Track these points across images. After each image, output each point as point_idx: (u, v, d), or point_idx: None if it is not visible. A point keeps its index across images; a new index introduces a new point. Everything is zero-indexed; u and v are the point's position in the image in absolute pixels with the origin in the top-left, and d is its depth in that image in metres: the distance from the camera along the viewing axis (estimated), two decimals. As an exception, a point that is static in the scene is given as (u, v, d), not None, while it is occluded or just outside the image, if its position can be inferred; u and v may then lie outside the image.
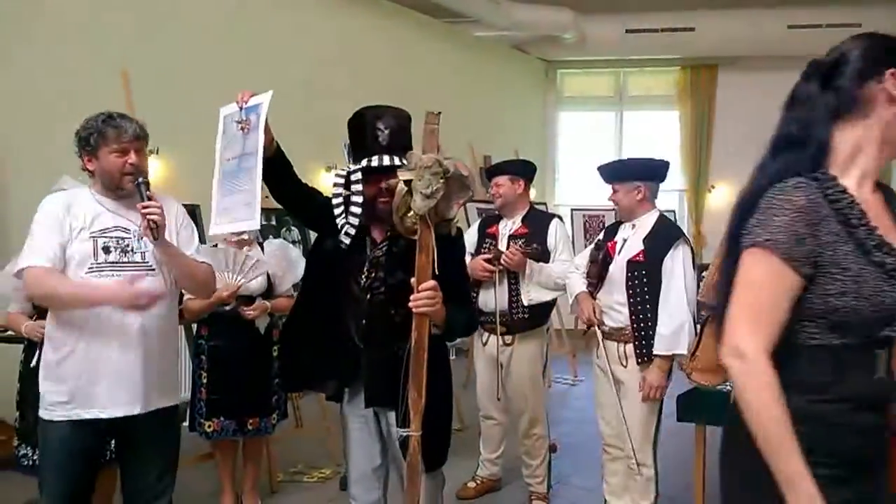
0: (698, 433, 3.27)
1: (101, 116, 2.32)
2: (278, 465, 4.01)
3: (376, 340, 2.22)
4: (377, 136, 2.21)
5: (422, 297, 2.01)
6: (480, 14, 7.61)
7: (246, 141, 2.15)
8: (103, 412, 2.27)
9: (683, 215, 8.93)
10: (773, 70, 8.56)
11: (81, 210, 2.31)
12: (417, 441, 2.07)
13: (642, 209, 3.11)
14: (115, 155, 2.29)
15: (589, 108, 9.83)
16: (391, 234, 2.23)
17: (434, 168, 1.96)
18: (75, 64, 4.58)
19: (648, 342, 2.95)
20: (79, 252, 2.26)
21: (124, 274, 2.27)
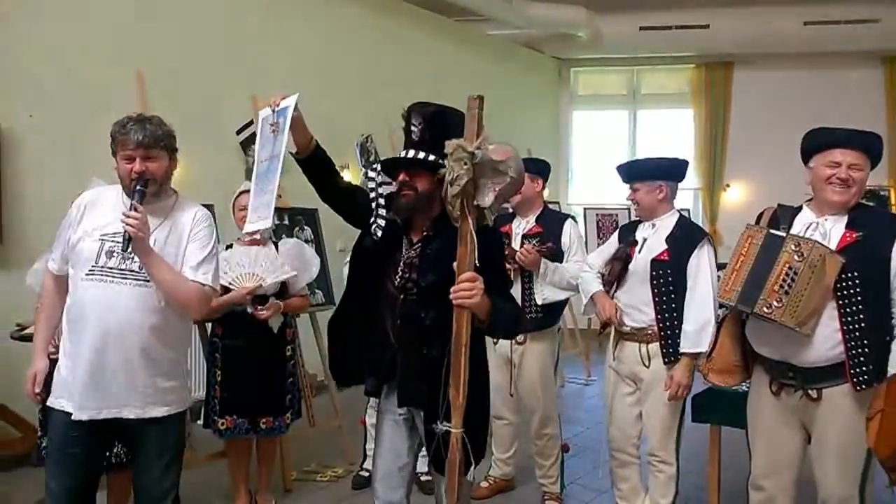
0: (713, 433, 3.26)
1: (125, 121, 2.35)
2: (292, 464, 4.02)
3: (408, 341, 2.20)
4: (411, 131, 2.22)
5: (461, 289, 1.96)
6: (493, 12, 7.59)
7: (275, 142, 2.21)
8: (75, 412, 2.28)
9: (698, 214, 8.87)
10: (788, 67, 8.55)
11: (104, 209, 2.35)
12: (458, 438, 2.03)
13: (663, 209, 3.09)
14: (124, 161, 2.32)
15: (602, 107, 9.78)
16: (426, 235, 2.23)
17: (456, 154, 1.92)
18: (92, 64, 4.61)
19: (675, 341, 2.93)
20: (86, 251, 2.30)
21: (115, 280, 2.28)
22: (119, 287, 2.29)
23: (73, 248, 2.33)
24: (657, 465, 3.05)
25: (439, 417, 2.08)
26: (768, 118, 8.43)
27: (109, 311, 2.27)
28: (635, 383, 3.08)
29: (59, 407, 2.33)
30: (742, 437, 2.71)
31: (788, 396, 2.47)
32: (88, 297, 2.29)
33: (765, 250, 2.38)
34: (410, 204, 2.19)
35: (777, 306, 2.29)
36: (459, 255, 1.98)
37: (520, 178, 2.05)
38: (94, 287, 2.29)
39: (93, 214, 2.35)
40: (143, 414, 2.36)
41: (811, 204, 2.51)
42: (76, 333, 2.31)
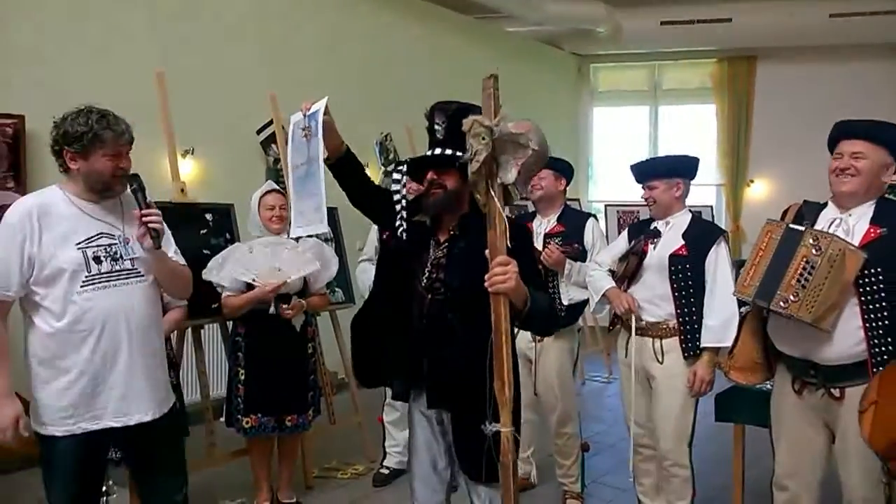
0: (736, 433, 3.22)
1: (93, 115, 2.22)
2: (312, 461, 4.04)
3: (435, 342, 2.16)
4: (435, 130, 2.20)
5: (494, 273, 1.88)
6: (513, 9, 7.56)
7: (309, 147, 2.20)
8: (116, 421, 2.25)
9: (721, 211, 8.76)
10: (813, 61, 8.42)
11: (59, 216, 2.20)
12: (509, 438, 1.91)
13: (677, 207, 3.09)
14: (108, 158, 2.21)
15: (623, 103, 9.70)
16: (453, 235, 2.21)
17: (474, 129, 1.85)
18: (113, 65, 4.66)
19: (695, 335, 2.91)
20: (68, 263, 2.16)
21: (120, 283, 2.24)
22: (126, 288, 2.26)
23: (45, 266, 2.16)
24: (671, 469, 3.01)
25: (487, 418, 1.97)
26: (793, 112, 8.32)
27: (127, 312, 2.25)
28: (647, 380, 3.06)
29: (79, 430, 2.21)
30: (766, 436, 2.67)
31: (811, 395, 2.43)
32: (98, 307, 2.20)
33: (783, 245, 2.35)
34: (440, 202, 2.16)
35: (793, 301, 2.26)
36: (490, 238, 1.91)
37: (542, 149, 2.01)
38: (101, 295, 2.21)
39: (50, 225, 2.18)
40: (163, 410, 2.38)
41: (834, 199, 2.47)
42: (85, 346, 2.20)
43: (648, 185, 3.10)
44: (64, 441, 2.22)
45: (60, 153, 2.24)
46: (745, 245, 8.41)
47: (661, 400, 3.00)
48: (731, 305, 2.83)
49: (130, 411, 2.27)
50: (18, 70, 4.28)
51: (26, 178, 4.25)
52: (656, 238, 3.04)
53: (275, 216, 3.46)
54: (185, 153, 4.84)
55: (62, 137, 2.22)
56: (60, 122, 2.24)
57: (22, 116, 4.22)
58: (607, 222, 7.09)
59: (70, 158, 2.22)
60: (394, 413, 3.99)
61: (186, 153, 4.86)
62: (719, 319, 2.84)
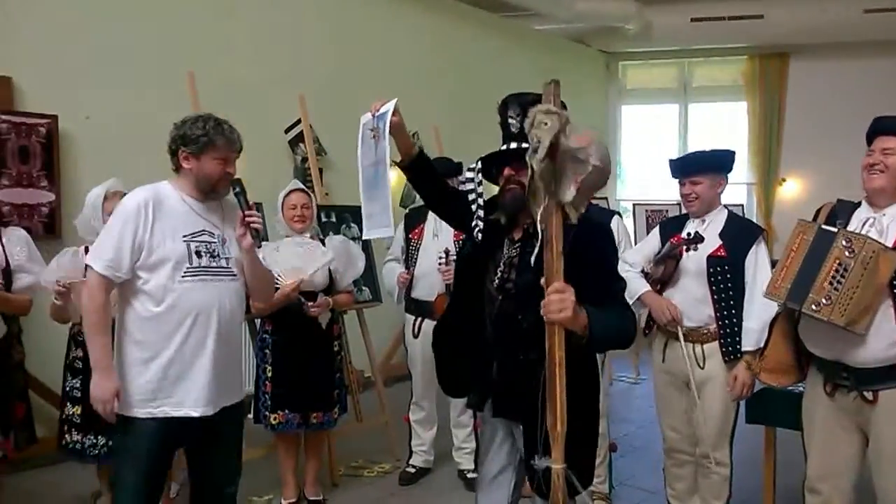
0: (768, 435, 3.17)
1: (210, 121, 2.36)
2: (338, 459, 4.06)
3: (504, 345, 2.06)
4: (509, 124, 2.11)
5: (549, 302, 1.77)
6: (542, 7, 7.52)
7: (377, 148, 2.20)
8: (195, 411, 2.33)
9: (752, 209, 8.64)
10: (847, 57, 8.26)
11: (172, 209, 2.34)
12: (560, 475, 1.81)
13: (717, 204, 3.00)
14: (217, 162, 2.35)
15: (652, 101, 9.60)
16: (527, 233, 2.10)
17: (537, 118, 1.73)
18: (144, 65, 4.73)
19: (735, 339, 2.84)
20: (174, 253, 2.29)
21: (215, 278, 2.36)
22: (219, 284, 2.37)
23: (153, 252, 2.28)
24: (711, 467, 2.96)
25: (538, 450, 1.88)
26: (826, 110, 8.17)
27: (217, 307, 2.35)
28: (687, 385, 2.99)
29: (161, 414, 2.30)
30: (797, 439, 2.63)
31: (843, 398, 2.38)
32: (196, 297, 2.31)
33: (815, 246, 2.31)
34: (517, 199, 2.04)
35: (826, 304, 2.21)
36: (546, 261, 1.79)
37: (605, 166, 1.89)
38: (198, 287, 2.32)
39: (163, 216, 2.31)
40: (235, 400, 2.49)
41: (867, 197, 2.42)
42: (177, 334, 2.30)
43: (692, 181, 2.97)
44: (144, 423, 2.30)
45: (176, 153, 2.38)
46: (777, 244, 8.26)
47: (704, 400, 2.93)
48: (771, 308, 2.73)
49: (209, 401, 2.36)
50: (52, 71, 4.36)
51: (59, 176, 4.33)
52: (698, 244, 2.91)
53: (297, 216, 3.48)
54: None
55: (180, 139, 2.36)
56: (181, 124, 2.38)
57: (55, 116, 4.30)
58: (635, 221, 7.03)
59: (184, 158, 2.36)
60: (420, 412, 3.99)
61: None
62: (760, 323, 2.75)
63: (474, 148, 4.32)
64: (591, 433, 2.14)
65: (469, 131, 6.47)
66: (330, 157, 5.71)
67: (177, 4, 5.01)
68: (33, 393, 3.69)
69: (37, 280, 2.90)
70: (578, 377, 1.87)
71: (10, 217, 4.08)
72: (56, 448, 3.02)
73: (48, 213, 4.28)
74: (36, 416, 3.15)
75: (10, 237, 2.90)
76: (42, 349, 3.66)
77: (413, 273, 3.80)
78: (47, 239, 4.14)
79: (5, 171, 4.13)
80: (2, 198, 4.05)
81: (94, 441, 2.90)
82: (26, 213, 4.19)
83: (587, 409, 2.09)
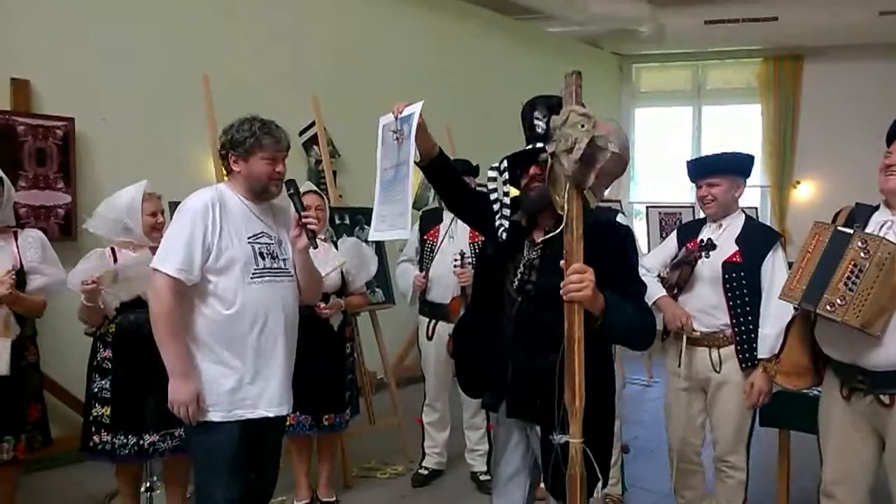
0: (782, 438, 3.15)
1: (255, 122, 2.39)
2: (351, 461, 4.07)
3: (521, 346, 2.07)
4: (535, 126, 2.11)
5: (569, 280, 1.81)
6: (556, 10, 7.52)
7: (400, 150, 2.17)
8: (269, 411, 2.38)
9: (766, 212, 8.60)
10: (862, 59, 8.20)
11: (234, 211, 2.37)
12: (578, 450, 1.84)
13: (735, 208, 2.97)
14: (265, 161, 2.37)
15: (665, 103, 9.57)
16: (549, 234, 2.08)
17: (571, 119, 1.76)
18: (159, 69, 4.77)
19: (751, 345, 2.81)
20: (242, 254, 2.33)
21: (277, 279, 2.39)
22: (282, 285, 2.41)
23: (221, 255, 2.30)
24: (727, 471, 2.93)
25: (555, 426, 1.91)
26: (841, 113, 8.12)
27: (282, 308, 2.40)
28: (704, 391, 2.97)
29: (236, 418, 2.32)
30: (812, 442, 2.61)
31: (859, 401, 2.36)
32: (265, 298, 2.35)
33: (830, 248, 2.29)
34: (543, 194, 2.02)
35: (840, 305, 2.20)
36: (566, 243, 1.83)
37: (623, 153, 1.90)
38: (266, 288, 2.36)
39: (228, 217, 2.34)
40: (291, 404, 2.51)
41: (885, 200, 2.41)
42: (250, 336, 2.33)
43: (709, 183, 2.93)
44: (221, 427, 2.32)
45: (226, 157, 2.42)
46: (791, 247, 8.20)
47: (720, 406, 2.91)
48: (787, 314, 2.69)
49: (282, 402, 2.41)
50: (68, 74, 4.41)
51: (76, 178, 4.36)
52: (711, 250, 2.88)
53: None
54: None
55: (228, 143, 2.40)
56: (228, 128, 2.42)
57: (72, 119, 4.34)
58: (648, 224, 7.00)
59: (234, 161, 2.40)
60: (433, 414, 4.00)
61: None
62: (776, 329, 2.71)
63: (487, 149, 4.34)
64: (608, 411, 2.15)
65: (481, 133, 6.49)
66: (343, 160, 5.74)
67: (191, 8, 5.05)
68: (49, 394, 3.72)
69: (50, 281, 2.91)
70: (591, 363, 1.87)
71: (27, 219, 4.12)
72: (79, 449, 3.01)
73: (65, 214, 4.31)
74: (52, 417, 3.17)
75: (26, 238, 2.91)
76: (58, 350, 3.70)
77: (428, 275, 3.80)
78: (63, 240, 4.18)
79: (22, 173, 4.17)
80: (19, 199, 4.08)
81: (125, 441, 2.90)
82: (43, 215, 4.23)
83: (604, 387, 2.09)
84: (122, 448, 2.89)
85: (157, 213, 2.98)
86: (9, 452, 2.81)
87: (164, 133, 4.67)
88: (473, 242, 3.74)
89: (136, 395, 2.87)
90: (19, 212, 4.09)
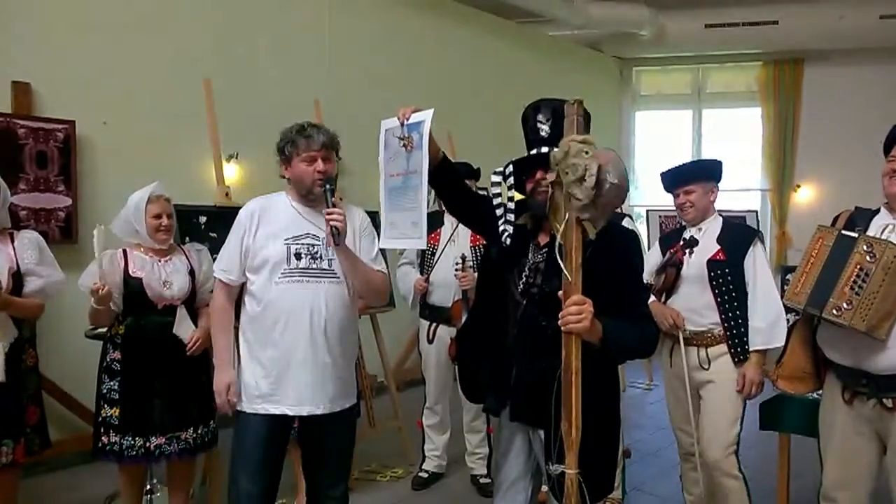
0: (782, 442, 3.15)
1: (295, 127, 2.47)
2: (352, 464, 4.05)
3: (526, 352, 2.05)
4: (538, 129, 2.11)
5: (568, 312, 1.81)
6: (556, 13, 7.53)
7: (410, 159, 2.11)
8: (291, 410, 2.42)
9: (767, 216, 8.59)
10: (863, 63, 8.21)
11: (277, 215, 2.46)
12: (573, 481, 1.83)
13: (712, 211, 3.07)
14: (304, 163, 2.42)
15: (666, 107, 9.57)
16: (554, 239, 2.03)
17: (574, 148, 1.77)
18: (157, 71, 4.77)
19: (742, 340, 2.86)
20: (274, 255, 2.40)
21: (312, 280, 2.42)
22: (318, 286, 2.43)
23: (256, 255, 2.42)
24: (722, 481, 2.91)
25: (551, 457, 1.92)
26: (841, 117, 8.12)
27: (315, 308, 2.41)
28: (697, 390, 2.99)
29: (262, 411, 2.42)
30: (812, 446, 2.61)
31: (862, 405, 2.36)
32: (289, 298, 2.39)
33: (835, 252, 2.30)
34: (544, 203, 2.03)
35: (847, 309, 2.20)
36: (565, 272, 1.82)
37: (622, 183, 1.88)
38: (293, 288, 2.40)
39: (268, 221, 2.45)
40: (343, 406, 2.52)
41: (887, 204, 2.41)
42: (273, 333, 2.40)
43: (685, 191, 3.04)
44: (250, 418, 2.44)
45: (280, 165, 2.51)
46: (792, 251, 8.23)
47: (709, 407, 2.94)
48: (775, 305, 2.80)
49: (304, 402, 2.42)
50: (69, 77, 4.41)
51: (76, 181, 4.36)
52: (694, 247, 2.98)
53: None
54: (230, 157, 4.93)
55: (277, 152, 2.51)
56: (279, 140, 2.50)
57: (72, 122, 4.34)
58: (649, 227, 7.00)
59: (283, 167, 2.50)
60: (433, 417, 3.99)
61: (231, 157, 4.95)
62: (766, 321, 2.80)
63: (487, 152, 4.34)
64: (610, 441, 2.14)
65: (482, 136, 6.50)
66: (344, 163, 5.73)
67: (193, 11, 5.05)
68: (48, 396, 3.71)
69: (48, 283, 2.88)
70: (597, 385, 1.88)
71: (28, 221, 4.11)
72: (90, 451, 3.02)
73: (65, 217, 4.31)
74: (50, 420, 3.16)
75: (22, 240, 2.89)
76: (57, 353, 3.70)
77: (429, 279, 3.80)
78: (64, 243, 4.18)
79: (23, 175, 4.17)
80: (19, 202, 4.09)
81: (132, 442, 2.89)
82: (43, 218, 4.23)
83: (606, 418, 2.09)
84: (129, 449, 2.90)
85: (161, 216, 2.96)
86: (8, 456, 2.79)
87: (164, 136, 4.67)
88: (475, 246, 3.74)
89: (145, 397, 2.89)
90: (20, 214, 4.10)
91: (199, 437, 2.99)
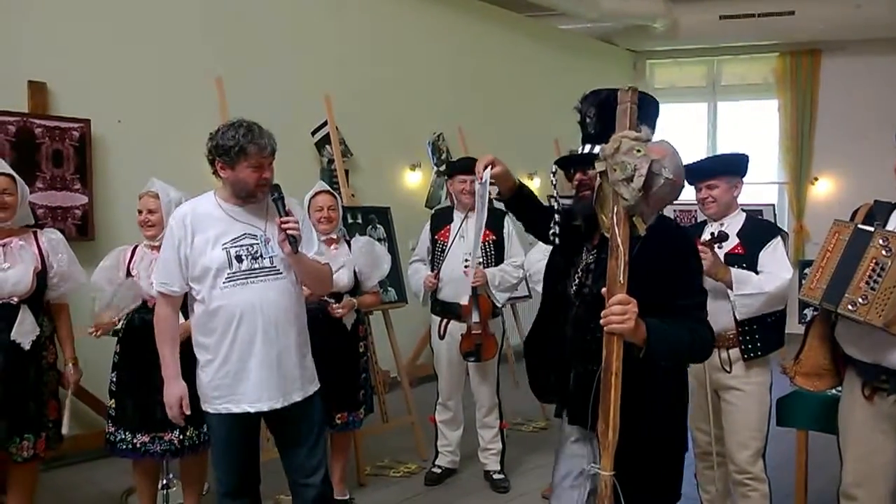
0: (800, 438, 3.12)
1: (241, 129, 2.39)
2: (365, 459, 4.07)
3: (579, 353, 2.00)
4: (587, 123, 2.03)
5: (611, 312, 1.73)
6: (569, 7, 7.49)
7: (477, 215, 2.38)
8: (251, 407, 2.44)
9: (784, 209, 8.50)
10: (881, 54, 8.10)
11: (210, 219, 2.44)
12: (607, 483, 1.79)
13: (735, 207, 2.97)
14: (251, 169, 2.39)
15: (680, 100, 9.49)
16: (603, 239, 1.97)
17: (624, 145, 1.68)
18: (171, 69, 4.79)
19: (754, 336, 2.79)
20: (216, 262, 2.39)
21: (258, 280, 2.41)
22: (264, 284, 2.43)
23: (196, 264, 2.41)
24: (749, 484, 2.85)
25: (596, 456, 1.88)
26: (860, 108, 8.02)
27: (263, 307, 2.42)
28: (717, 392, 2.93)
29: (224, 410, 2.45)
30: (831, 443, 2.58)
31: (881, 401, 2.33)
32: (236, 301, 2.39)
33: (851, 246, 2.26)
34: (587, 206, 1.97)
35: (862, 304, 2.16)
36: (609, 270, 1.75)
37: (678, 179, 1.83)
38: (239, 290, 2.40)
39: (202, 227, 2.42)
40: (303, 395, 2.54)
41: (906, 197, 2.38)
42: (226, 336, 2.41)
43: (708, 185, 2.94)
44: (215, 418, 2.48)
45: (213, 162, 2.45)
46: (809, 244, 8.15)
47: (733, 411, 2.87)
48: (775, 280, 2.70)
49: (263, 398, 2.44)
50: (85, 76, 4.43)
51: (92, 180, 4.39)
52: (724, 241, 2.84)
53: (323, 217, 3.48)
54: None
55: (215, 149, 2.42)
56: (215, 134, 2.44)
57: (88, 120, 4.37)
58: (664, 221, 6.95)
59: (220, 168, 2.43)
60: (446, 413, 3.99)
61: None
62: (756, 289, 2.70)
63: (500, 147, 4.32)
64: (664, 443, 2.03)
65: (494, 130, 6.48)
66: (356, 159, 5.74)
67: (205, 10, 5.06)
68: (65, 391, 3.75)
69: (76, 286, 3.00)
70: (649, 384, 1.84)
71: (45, 219, 4.15)
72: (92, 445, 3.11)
73: (81, 215, 4.35)
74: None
75: (50, 241, 2.95)
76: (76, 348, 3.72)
77: (439, 275, 3.80)
78: (81, 241, 4.21)
79: (39, 174, 4.20)
80: (36, 200, 4.12)
81: (123, 437, 2.96)
82: (60, 216, 4.26)
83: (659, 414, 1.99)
84: (121, 443, 2.99)
85: (142, 211, 3.02)
86: (29, 450, 2.86)
87: (178, 134, 4.68)
88: (485, 242, 3.72)
89: (148, 392, 2.90)
90: (37, 212, 4.12)
91: (202, 434, 3.01)
